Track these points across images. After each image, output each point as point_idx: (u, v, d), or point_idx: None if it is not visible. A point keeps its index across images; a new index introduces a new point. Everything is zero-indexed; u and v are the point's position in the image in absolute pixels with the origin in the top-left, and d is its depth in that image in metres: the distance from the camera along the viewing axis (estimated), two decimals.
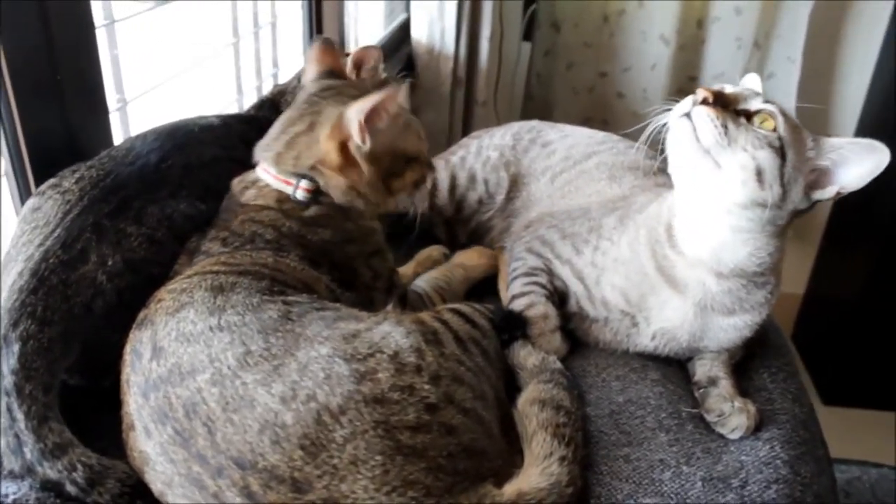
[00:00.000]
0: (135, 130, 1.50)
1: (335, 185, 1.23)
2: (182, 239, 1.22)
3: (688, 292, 1.24)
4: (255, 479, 0.90)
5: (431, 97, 2.73)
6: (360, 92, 1.26)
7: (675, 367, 1.33)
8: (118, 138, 1.44)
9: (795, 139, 1.14)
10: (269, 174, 1.25)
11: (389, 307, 1.31)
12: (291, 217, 1.22)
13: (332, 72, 1.40)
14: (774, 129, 1.13)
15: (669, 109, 1.19)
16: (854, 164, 1.15)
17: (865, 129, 3.24)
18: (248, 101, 1.92)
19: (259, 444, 0.91)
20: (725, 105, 1.13)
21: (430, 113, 2.74)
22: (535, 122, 1.72)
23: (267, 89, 1.94)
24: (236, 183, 1.29)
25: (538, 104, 3.25)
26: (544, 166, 1.58)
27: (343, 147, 1.21)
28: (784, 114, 1.15)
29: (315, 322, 1.04)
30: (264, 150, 1.27)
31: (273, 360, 0.97)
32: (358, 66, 1.64)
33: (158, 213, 1.21)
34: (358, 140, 1.19)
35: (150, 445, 0.96)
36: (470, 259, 1.58)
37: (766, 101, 1.16)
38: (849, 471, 2.19)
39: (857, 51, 3.20)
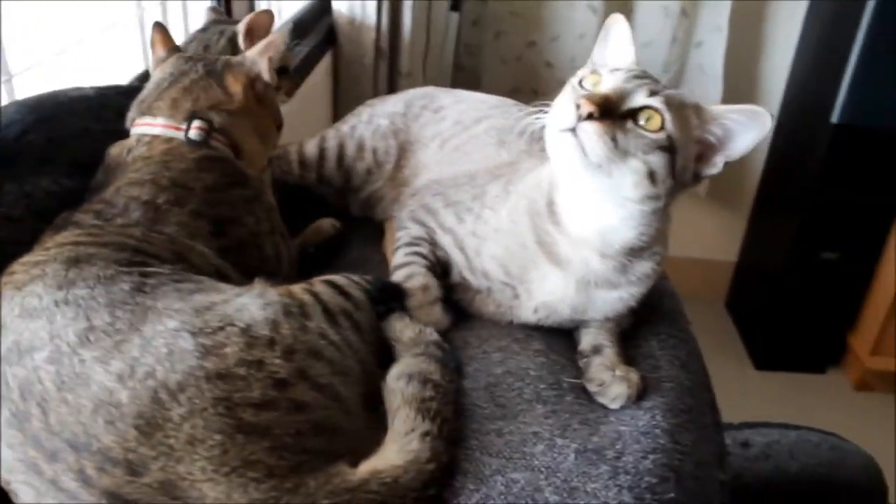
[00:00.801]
0: None
1: (238, 125, 1.26)
2: (45, 218, 1.13)
3: (569, 268, 1.17)
4: (89, 461, 0.84)
5: (354, 69, 2.64)
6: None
7: (561, 336, 1.26)
8: None
9: (682, 126, 1.06)
10: (157, 125, 1.21)
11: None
12: (173, 165, 1.18)
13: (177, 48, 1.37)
14: (662, 127, 1.04)
15: (544, 112, 1.12)
16: (739, 133, 1.08)
17: (791, 95, 3.21)
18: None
19: (93, 424, 0.85)
20: (611, 111, 1.03)
21: (352, 85, 2.65)
22: (430, 89, 1.64)
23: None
24: (115, 149, 1.22)
25: (467, 74, 3.16)
26: (434, 132, 1.50)
27: (248, 87, 1.28)
28: (668, 102, 1.05)
29: (169, 294, 0.98)
30: (149, 103, 1.25)
31: (116, 335, 0.91)
32: (250, 33, 1.56)
33: (16, 190, 1.12)
34: (267, 77, 1.27)
35: None
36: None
37: (649, 90, 1.06)
38: (769, 434, 2.15)
39: (783, 19, 3.16)
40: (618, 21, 1.18)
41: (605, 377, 1.14)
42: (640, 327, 1.30)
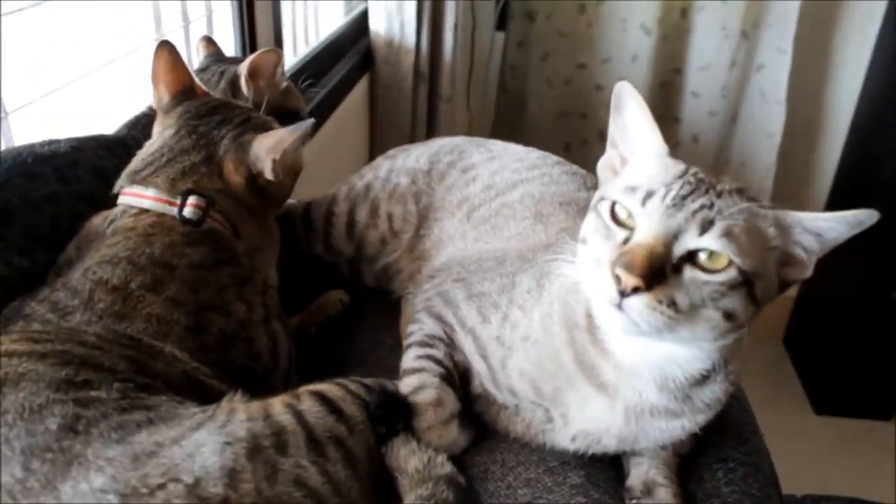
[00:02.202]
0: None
1: (234, 210, 1.07)
2: None
3: (617, 396, 0.88)
4: None
5: (392, 93, 2.39)
6: (245, 114, 1.12)
7: (605, 464, 0.98)
8: None
9: (756, 248, 0.77)
10: (147, 197, 1.00)
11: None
12: (156, 240, 0.97)
13: (187, 90, 1.11)
14: (730, 263, 0.75)
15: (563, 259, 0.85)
16: (836, 238, 0.79)
17: (858, 123, 2.86)
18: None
19: None
20: (661, 268, 0.74)
21: (390, 110, 2.41)
22: (460, 140, 1.33)
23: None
24: (97, 219, 1.01)
25: (512, 97, 2.89)
26: (461, 197, 1.20)
27: (249, 180, 1.07)
28: (729, 233, 0.75)
29: (106, 434, 0.74)
30: (142, 175, 1.04)
31: (25, 497, 0.68)
32: (253, 74, 1.31)
33: None
34: (270, 176, 1.06)
35: None
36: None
37: (701, 222, 0.75)
38: None
39: (852, 41, 2.81)
40: (625, 92, 0.86)
41: None
42: (702, 450, 1.01)
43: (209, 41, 1.47)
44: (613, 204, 0.80)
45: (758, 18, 2.67)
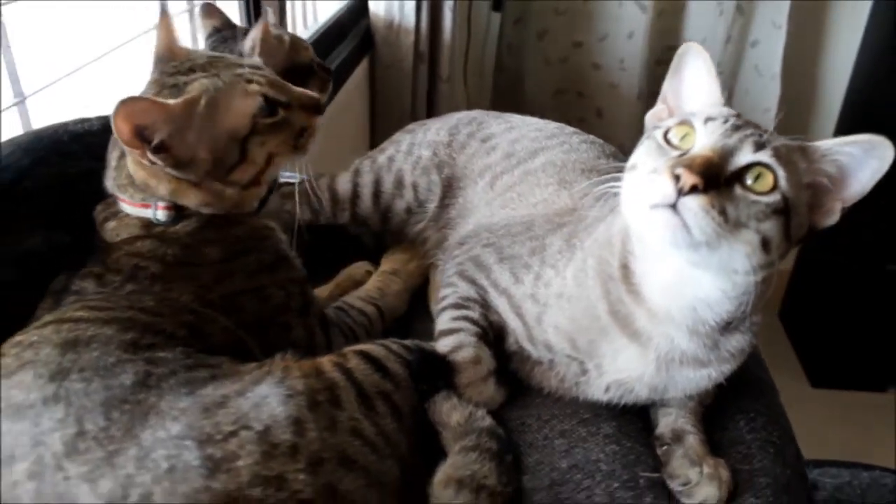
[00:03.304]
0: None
1: (189, 200, 0.99)
2: (38, 281, 0.96)
3: (650, 344, 0.95)
4: None
5: (392, 74, 2.44)
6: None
7: (633, 415, 1.05)
8: None
9: (794, 179, 0.84)
10: (125, 202, 1.00)
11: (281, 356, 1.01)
12: (170, 241, 0.97)
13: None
14: (775, 186, 0.82)
15: (618, 179, 0.89)
16: (855, 169, 0.85)
17: (853, 98, 2.94)
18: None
19: None
20: (716, 176, 0.81)
21: (390, 91, 2.46)
22: (476, 113, 1.40)
23: None
24: (99, 211, 1.03)
25: (510, 76, 2.95)
26: (483, 165, 1.27)
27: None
28: (778, 154, 0.83)
29: (176, 389, 0.79)
30: (109, 180, 1.03)
31: (109, 444, 0.73)
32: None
33: (8, 250, 0.95)
34: (141, 159, 0.93)
35: None
36: (401, 263, 1.31)
37: (754, 143, 0.84)
38: (839, 475, 1.94)
39: (846, 15, 2.89)
40: (693, 51, 0.95)
41: (692, 475, 0.93)
42: (724, 402, 1.08)
43: (209, 11, 1.46)
44: (667, 131, 0.88)
45: None
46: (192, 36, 1.67)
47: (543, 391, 1.07)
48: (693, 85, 0.96)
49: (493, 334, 1.07)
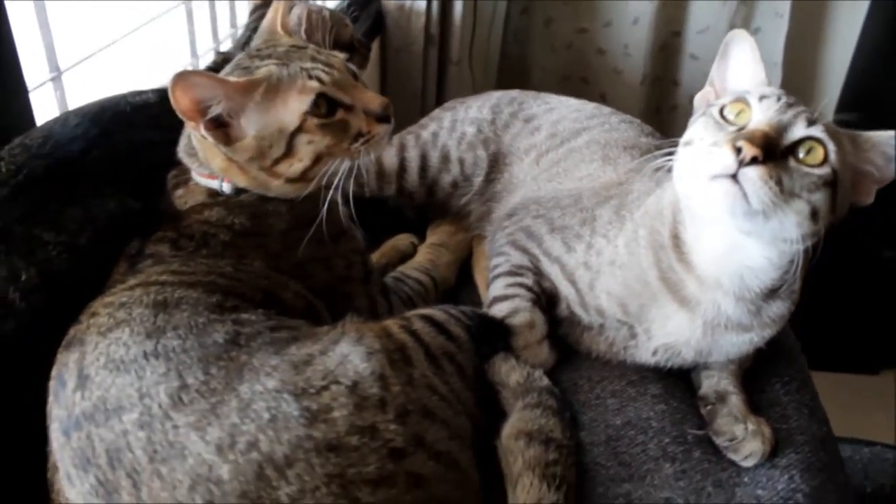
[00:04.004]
0: (73, 105, 1.27)
1: (237, 180, 1.04)
2: (110, 244, 1.02)
3: (697, 310, 1.03)
4: None
5: (402, 56, 2.49)
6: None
7: (677, 377, 1.13)
8: (54, 114, 1.21)
9: (841, 157, 0.92)
10: (193, 171, 1.06)
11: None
12: (236, 211, 1.03)
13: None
14: (825, 159, 0.90)
15: (672, 153, 0.96)
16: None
17: (852, 86, 3.04)
18: (205, 63, 1.67)
19: (190, 503, 0.74)
20: (773, 149, 0.88)
21: (401, 74, 2.51)
22: (515, 93, 1.48)
23: (223, 50, 1.72)
24: (171, 177, 1.10)
25: (515, 62, 3.01)
26: (528, 145, 1.35)
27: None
28: (828, 131, 0.91)
29: (264, 347, 0.86)
30: (181, 146, 1.09)
31: (212, 396, 0.80)
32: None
33: (81, 214, 1.00)
34: (191, 127, 0.99)
35: (73, 494, 0.79)
36: (448, 235, 1.37)
37: (807, 119, 0.91)
38: (841, 450, 2.02)
39: (846, 5, 2.98)
40: (739, 37, 1.05)
41: (737, 431, 1.02)
42: (759, 367, 1.16)
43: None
44: (722, 108, 0.95)
45: None
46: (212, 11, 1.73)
47: (592, 355, 1.15)
48: (739, 68, 1.04)
49: (545, 302, 1.14)
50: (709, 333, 1.04)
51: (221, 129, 0.97)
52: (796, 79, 2.99)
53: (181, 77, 0.92)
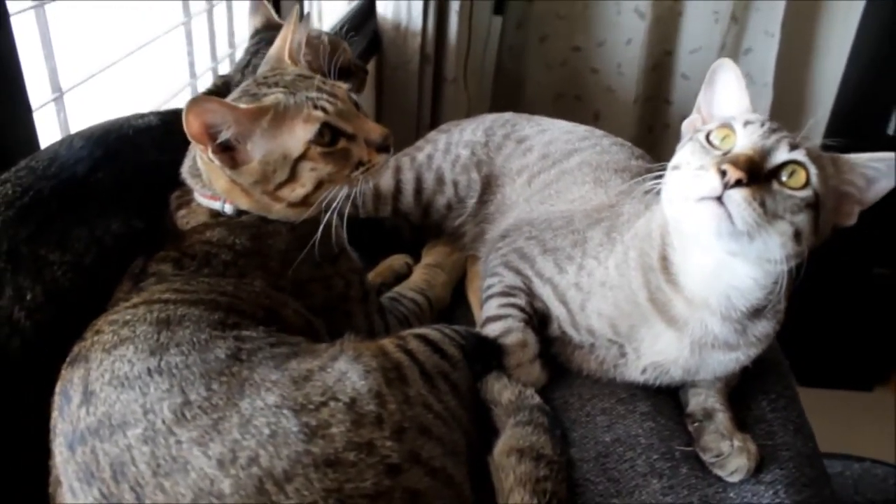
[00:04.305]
0: (74, 125, 1.30)
1: (240, 202, 1.07)
2: (115, 264, 1.05)
3: (685, 329, 1.07)
4: None
5: (398, 75, 2.53)
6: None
7: (665, 395, 1.17)
8: (55, 134, 1.25)
9: (823, 179, 0.96)
10: (197, 192, 1.09)
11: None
12: (237, 232, 1.06)
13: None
14: (807, 182, 0.95)
15: (661, 176, 1.01)
16: (879, 181, 0.99)
17: (842, 105, 3.09)
18: (204, 84, 1.71)
19: None
20: (756, 173, 0.92)
21: (396, 92, 2.55)
22: (508, 115, 1.53)
23: (223, 72, 1.75)
24: (175, 197, 1.13)
25: (509, 79, 3.06)
26: (520, 165, 1.39)
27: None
28: (810, 155, 0.96)
29: (265, 363, 0.89)
30: (185, 167, 1.12)
31: (213, 412, 0.82)
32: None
33: (86, 235, 1.03)
34: (203, 154, 1.02)
35: None
36: (443, 256, 1.41)
37: (789, 144, 0.96)
38: (832, 465, 2.07)
39: (836, 25, 3.03)
40: (725, 66, 1.09)
41: (723, 447, 1.05)
42: (746, 384, 1.20)
43: (255, 9, 1.54)
44: (708, 133, 1.00)
45: (747, 2, 2.88)
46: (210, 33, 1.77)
47: (582, 373, 1.19)
48: (725, 95, 1.08)
49: (537, 320, 1.18)
50: (696, 352, 1.08)
51: (228, 152, 1.00)
52: (787, 98, 3.04)
53: (195, 103, 0.96)
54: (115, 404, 0.83)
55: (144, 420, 0.81)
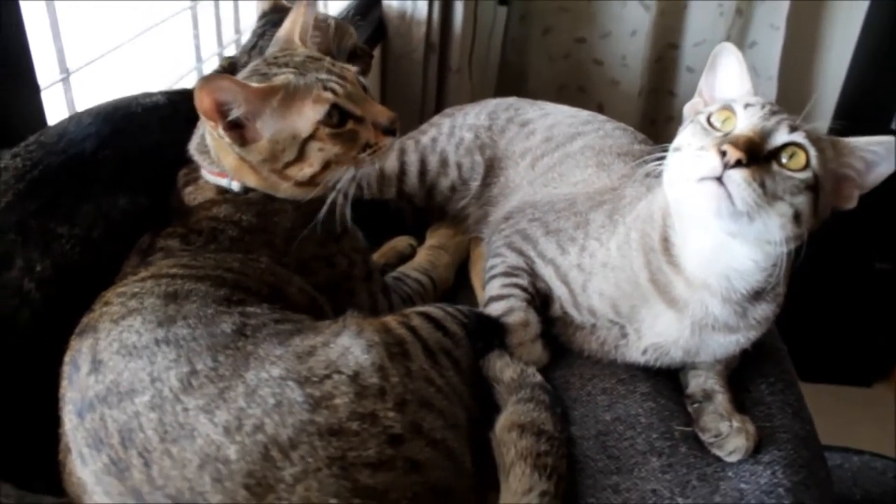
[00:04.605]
0: (81, 105, 1.32)
1: (247, 180, 1.09)
2: (121, 239, 1.07)
3: (686, 310, 1.09)
4: None
5: (403, 64, 2.55)
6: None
7: (665, 377, 1.19)
8: (61, 115, 1.26)
9: (823, 162, 0.98)
10: (204, 169, 1.11)
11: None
12: (243, 209, 1.08)
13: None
14: (807, 164, 0.96)
15: (662, 158, 1.03)
16: (879, 165, 1.01)
17: (847, 99, 3.11)
18: (209, 68, 1.73)
19: (199, 481, 0.78)
20: (756, 153, 0.94)
21: (401, 81, 2.57)
22: (512, 100, 1.55)
23: (229, 55, 1.77)
24: (182, 175, 1.15)
25: (513, 70, 3.07)
26: (523, 148, 1.41)
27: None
28: (810, 137, 0.97)
29: (269, 339, 0.91)
30: (193, 144, 1.13)
31: (220, 381, 0.84)
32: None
33: (94, 210, 1.05)
34: (213, 131, 1.04)
35: (86, 473, 0.83)
36: (447, 238, 1.43)
37: (789, 126, 0.98)
38: (831, 458, 2.06)
39: (841, 20, 3.04)
40: (726, 50, 1.11)
41: (722, 428, 1.07)
42: (745, 368, 1.22)
43: None
44: (709, 115, 1.01)
45: None
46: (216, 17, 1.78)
47: (584, 354, 1.20)
48: (727, 78, 1.10)
49: (539, 302, 1.19)
50: (697, 333, 1.10)
51: (237, 130, 1.02)
52: (792, 91, 3.05)
53: (207, 80, 0.98)
54: (123, 373, 0.85)
55: (152, 388, 0.83)
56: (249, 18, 1.88)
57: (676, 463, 1.04)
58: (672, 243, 1.08)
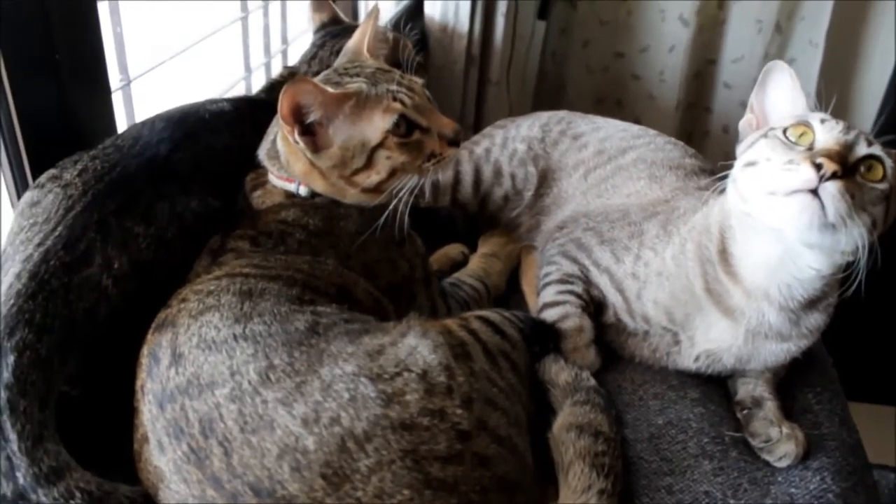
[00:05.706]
0: (138, 112, 1.39)
1: (315, 185, 1.14)
2: (194, 239, 1.12)
3: (741, 319, 1.14)
4: None
5: (444, 76, 2.60)
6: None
7: (714, 384, 1.24)
8: (121, 120, 1.33)
9: (894, 173, 1.03)
10: (273, 174, 1.17)
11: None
12: (310, 213, 1.13)
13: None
14: (884, 175, 1.01)
15: (725, 176, 1.09)
16: None
17: (886, 117, 3.13)
18: (257, 78, 1.80)
19: (278, 470, 0.83)
20: (844, 165, 0.98)
21: (441, 93, 2.62)
22: (564, 113, 1.61)
23: (276, 67, 1.84)
24: (250, 179, 1.20)
25: (551, 83, 3.12)
26: (576, 160, 1.47)
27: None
28: (884, 151, 1.02)
29: (340, 337, 0.96)
30: (262, 150, 1.19)
31: (296, 376, 0.89)
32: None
33: (168, 210, 1.10)
34: (289, 136, 1.09)
35: (164, 461, 0.88)
36: (499, 246, 1.48)
37: (866, 139, 1.03)
38: None
39: (881, 37, 3.07)
40: (778, 68, 1.17)
41: (772, 433, 1.11)
42: (791, 377, 1.26)
43: (319, 6, 1.63)
44: (785, 130, 1.06)
45: (792, 11, 2.92)
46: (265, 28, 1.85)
47: (635, 360, 1.26)
48: (779, 96, 1.16)
49: (593, 307, 1.25)
50: (750, 341, 1.15)
51: (310, 136, 1.08)
52: (830, 108, 3.07)
53: (294, 83, 1.04)
54: (203, 365, 0.90)
55: (231, 381, 0.88)
56: (296, 30, 1.96)
57: (728, 467, 1.09)
58: (731, 254, 1.13)
